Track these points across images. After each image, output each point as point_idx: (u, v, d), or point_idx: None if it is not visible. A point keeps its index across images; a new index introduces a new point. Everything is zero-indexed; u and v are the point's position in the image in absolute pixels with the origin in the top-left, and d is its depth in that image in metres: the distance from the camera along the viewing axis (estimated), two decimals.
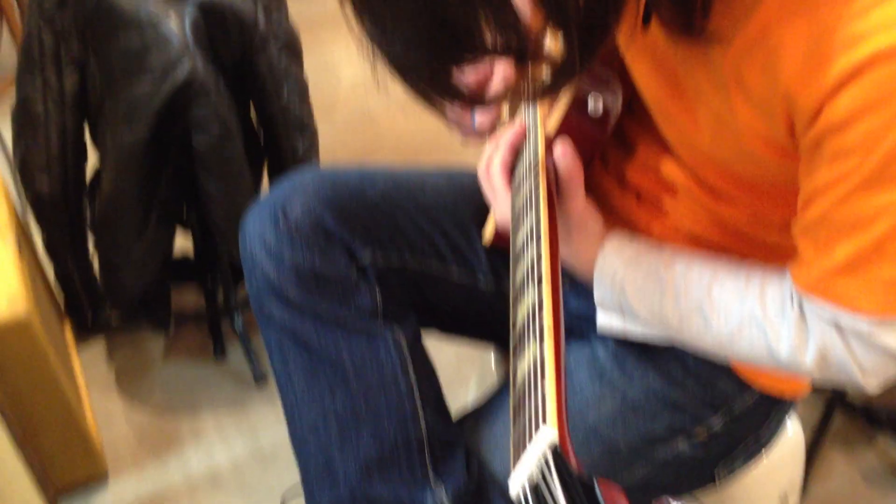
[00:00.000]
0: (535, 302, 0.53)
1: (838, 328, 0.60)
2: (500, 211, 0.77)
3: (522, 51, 0.52)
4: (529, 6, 0.50)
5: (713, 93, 0.61)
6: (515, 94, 0.58)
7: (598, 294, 0.75)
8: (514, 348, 0.53)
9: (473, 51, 0.52)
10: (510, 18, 0.50)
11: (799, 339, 0.63)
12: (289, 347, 0.79)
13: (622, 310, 0.74)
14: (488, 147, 0.81)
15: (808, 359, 0.62)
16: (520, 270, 0.59)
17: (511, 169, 0.77)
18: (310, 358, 0.78)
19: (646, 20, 0.57)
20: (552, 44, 0.53)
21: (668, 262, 0.70)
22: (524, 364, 0.49)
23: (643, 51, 0.67)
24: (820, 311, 0.61)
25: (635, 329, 0.77)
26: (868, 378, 0.61)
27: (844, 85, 0.50)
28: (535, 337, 0.50)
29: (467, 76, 0.77)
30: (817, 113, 0.53)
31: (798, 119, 0.55)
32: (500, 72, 0.76)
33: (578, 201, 0.73)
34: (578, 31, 0.51)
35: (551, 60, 0.54)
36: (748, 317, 0.65)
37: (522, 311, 0.55)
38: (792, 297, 0.63)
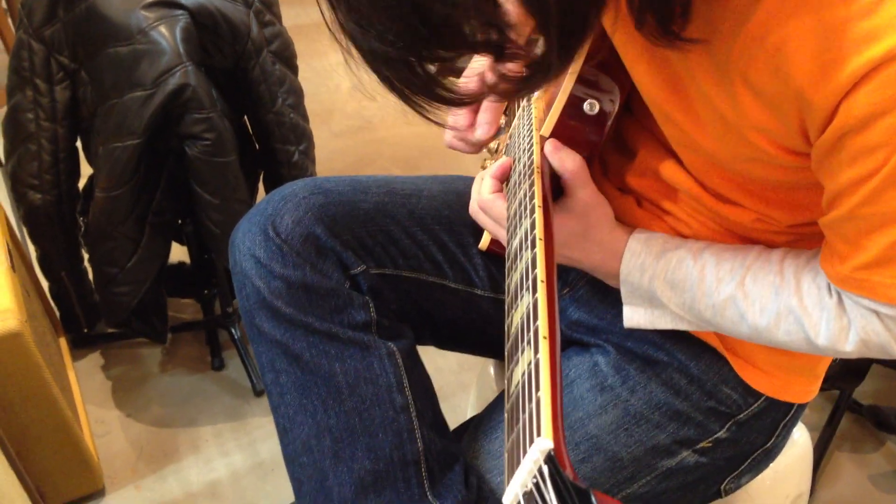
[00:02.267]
0: (529, 308, 0.52)
1: (879, 316, 0.61)
2: (502, 237, 0.77)
3: (501, 47, 0.52)
4: (511, 4, 0.50)
5: (716, 92, 0.60)
6: (494, 93, 0.57)
7: (626, 289, 0.74)
8: (509, 356, 0.52)
9: (452, 46, 0.51)
10: (492, 14, 0.49)
11: (839, 329, 0.64)
12: (280, 362, 0.77)
13: (651, 303, 0.73)
14: (476, 184, 0.82)
15: (849, 345, 0.64)
16: (514, 277, 0.58)
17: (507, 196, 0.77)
18: (302, 373, 0.76)
19: (639, 23, 0.56)
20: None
21: (696, 254, 0.70)
22: (518, 372, 0.48)
23: (641, 53, 0.65)
24: (858, 301, 0.62)
25: (663, 321, 0.75)
26: None
27: (861, 83, 0.50)
28: (529, 344, 0.48)
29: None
30: (833, 112, 0.53)
31: (812, 119, 0.55)
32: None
33: (588, 189, 0.72)
34: (559, 31, 0.51)
35: (529, 58, 0.53)
36: (785, 309, 0.66)
37: (517, 317, 0.53)
38: (829, 288, 0.64)
